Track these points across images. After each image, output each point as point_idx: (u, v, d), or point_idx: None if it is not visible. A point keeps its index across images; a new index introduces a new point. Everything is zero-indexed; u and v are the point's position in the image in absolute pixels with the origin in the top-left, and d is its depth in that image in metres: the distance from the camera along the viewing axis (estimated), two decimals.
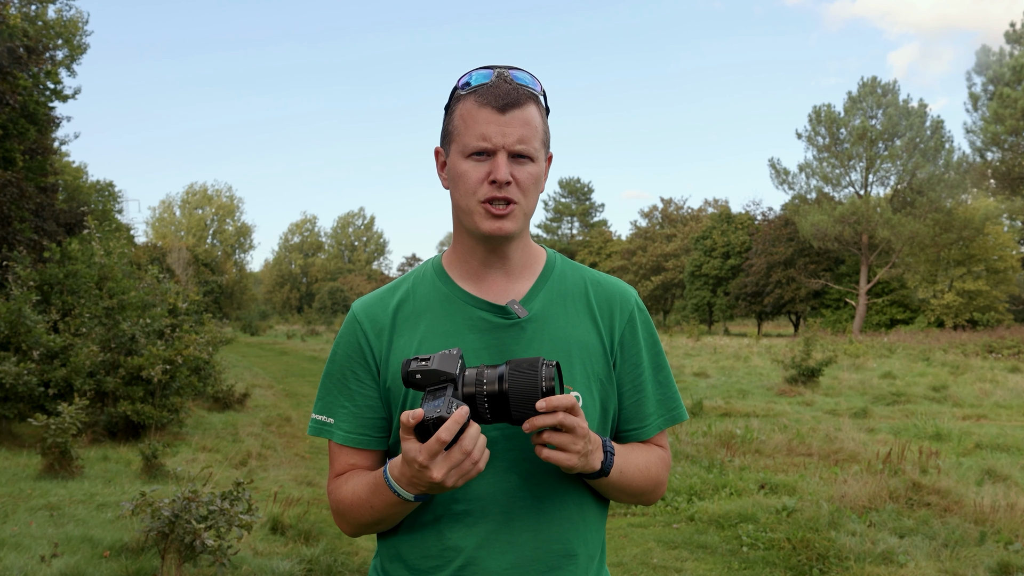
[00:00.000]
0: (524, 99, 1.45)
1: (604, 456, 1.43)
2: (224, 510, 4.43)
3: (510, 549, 1.46)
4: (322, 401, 1.56)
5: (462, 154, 1.46)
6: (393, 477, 1.38)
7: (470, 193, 1.46)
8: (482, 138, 1.43)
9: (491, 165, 1.44)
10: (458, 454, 1.29)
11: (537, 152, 1.47)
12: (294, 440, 10.45)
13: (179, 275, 41.08)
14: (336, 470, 1.55)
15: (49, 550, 4.85)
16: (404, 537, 1.52)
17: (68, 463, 7.24)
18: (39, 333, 9.45)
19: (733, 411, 12.45)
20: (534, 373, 1.32)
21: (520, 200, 1.46)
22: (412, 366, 1.35)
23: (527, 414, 1.33)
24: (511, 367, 1.34)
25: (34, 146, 15.65)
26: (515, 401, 1.32)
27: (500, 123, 1.43)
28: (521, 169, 1.45)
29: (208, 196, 79.50)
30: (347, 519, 1.51)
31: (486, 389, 1.33)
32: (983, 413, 12.93)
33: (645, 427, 1.58)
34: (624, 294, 1.60)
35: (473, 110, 1.45)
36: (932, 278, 45.41)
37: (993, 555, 5.27)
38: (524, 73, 1.49)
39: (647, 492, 1.57)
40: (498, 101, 1.43)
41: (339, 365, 1.55)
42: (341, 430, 1.53)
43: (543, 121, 1.50)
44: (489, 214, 1.45)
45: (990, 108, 40.01)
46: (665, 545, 5.85)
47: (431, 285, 1.56)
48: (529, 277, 1.56)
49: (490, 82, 1.45)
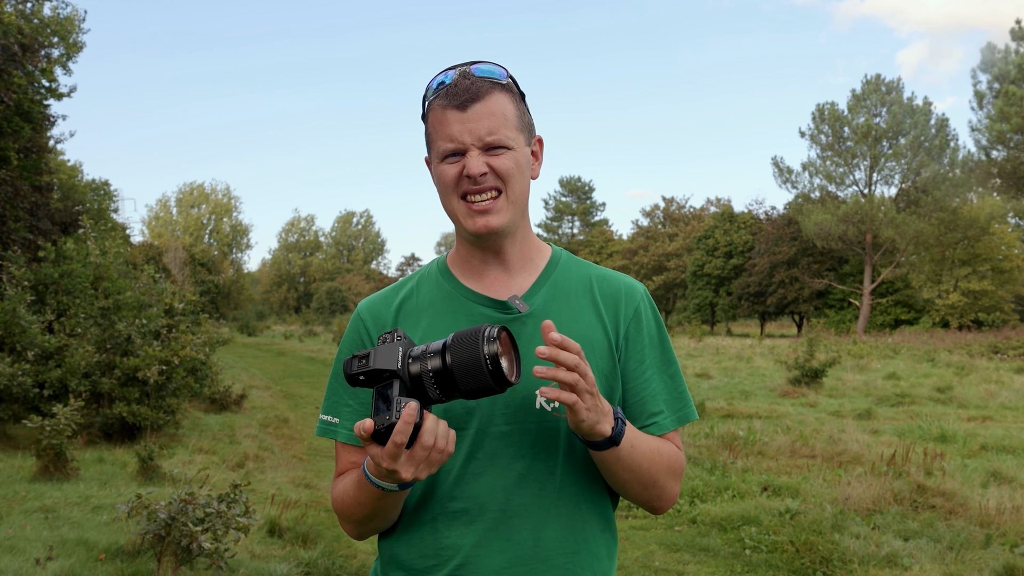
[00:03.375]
0: (485, 91, 1.44)
1: (615, 422, 1.38)
2: (221, 512, 4.44)
3: (508, 547, 1.45)
4: (328, 401, 1.57)
5: (439, 158, 1.47)
6: (371, 473, 1.36)
7: (451, 194, 1.47)
8: (449, 139, 1.44)
9: (463, 162, 1.45)
10: (420, 451, 1.27)
11: (511, 140, 1.45)
12: (292, 442, 10.43)
13: (175, 275, 41.14)
14: (339, 469, 1.55)
15: (44, 553, 4.84)
16: (401, 538, 1.51)
17: (63, 465, 7.23)
18: (34, 333, 9.44)
19: (736, 412, 12.46)
20: (475, 340, 1.25)
21: (503, 188, 1.45)
22: (354, 367, 1.30)
23: (475, 385, 1.25)
24: (453, 338, 1.27)
25: (29, 144, 15.64)
26: (460, 373, 1.25)
27: (463, 120, 1.43)
28: (497, 159, 1.44)
29: (205, 195, 79.43)
30: (343, 516, 1.51)
31: (430, 366, 1.27)
32: (988, 414, 12.91)
33: (652, 424, 1.54)
34: (630, 289, 1.58)
35: (439, 113, 1.46)
36: (937, 278, 45.29)
37: (999, 558, 5.26)
38: (488, 64, 1.48)
39: (658, 482, 1.50)
40: (458, 99, 1.43)
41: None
42: (346, 429, 1.53)
43: (516, 107, 1.48)
44: (471, 212, 1.46)
45: (996, 106, 39.94)
46: (667, 548, 5.84)
47: (435, 283, 1.57)
48: (531, 272, 1.56)
49: (452, 81, 1.45)
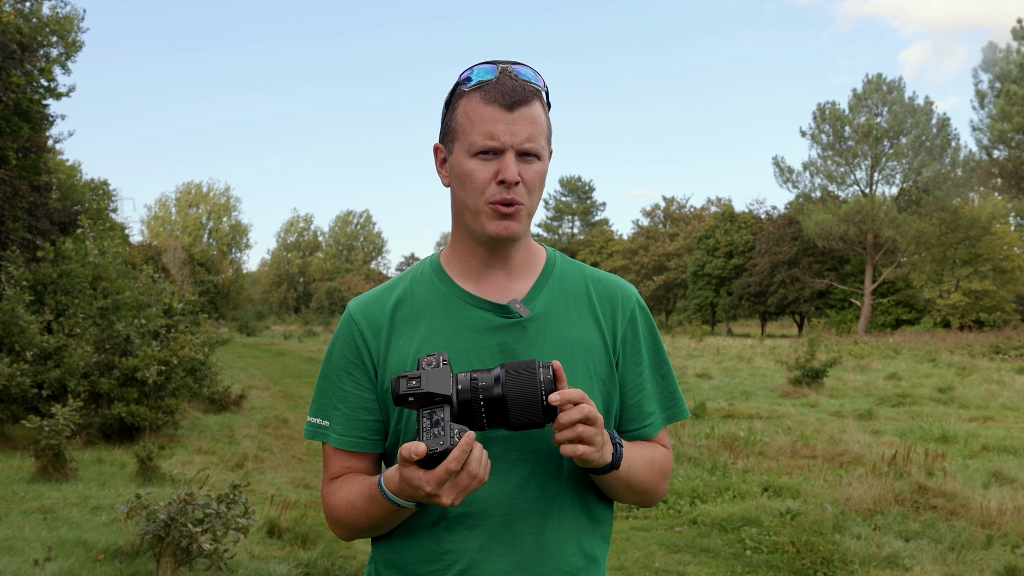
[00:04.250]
0: (530, 96, 1.43)
1: (614, 448, 1.41)
2: (220, 513, 4.44)
3: (512, 552, 1.44)
4: (317, 403, 1.53)
5: (468, 152, 1.43)
6: (391, 491, 1.35)
7: (478, 193, 1.43)
8: (490, 136, 1.41)
9: (499, 164, 1.42)
10: (465, 479, 1.27)
11: (543, 150, 1.45)
12: (291, 442, 10.42)
13: (174, 275, 41.09)
14: (331, 473, 1.52)
15: (43, 554, 4.84)
16: (401, 541, 1.49)
17: (62, 465, 7.23)
18: (32, 334, 9.42)
19: (736, 413, 12.46)
20: (532, 375, 1.29)
21: (526, 201, 1.45)
22: (402, 388, 1.30)
23: (526, 419, 1.30)
24: (507, 370, 1.30)
25: (27, 144, 15.66)
26: (514, 405, 1.29)
27: (508, 121, 1.40)
28: (528, 168, 1.43)
29: (203, 194, 79.09)
30: (341, 525, 1.49)
31: (483, 396, 1.30)
32: (990, 415, 12.88)
33: (647, 426, 1.56)
34: (625, 292, 1.58)
35: (479, 107, 1.42)
36: (938, 278, 45.23)
37: (1000, 559, 5.25)
38: (528, 69, 1.47)
39: (650, 490, 1.55)
40: (506, 99, 1.40)
41: (335, 366, 1.52)
42: (336, 433, 1.49)
43: (547, 118, 1.49)
44: (497, 214, 1.43)
45: (997, 105, 39.91)
46: (667, 549, 5.83)
47: (430, 284, 1.53)
48: (530, 276, 1.54)
49: (495, 78, 1.43)
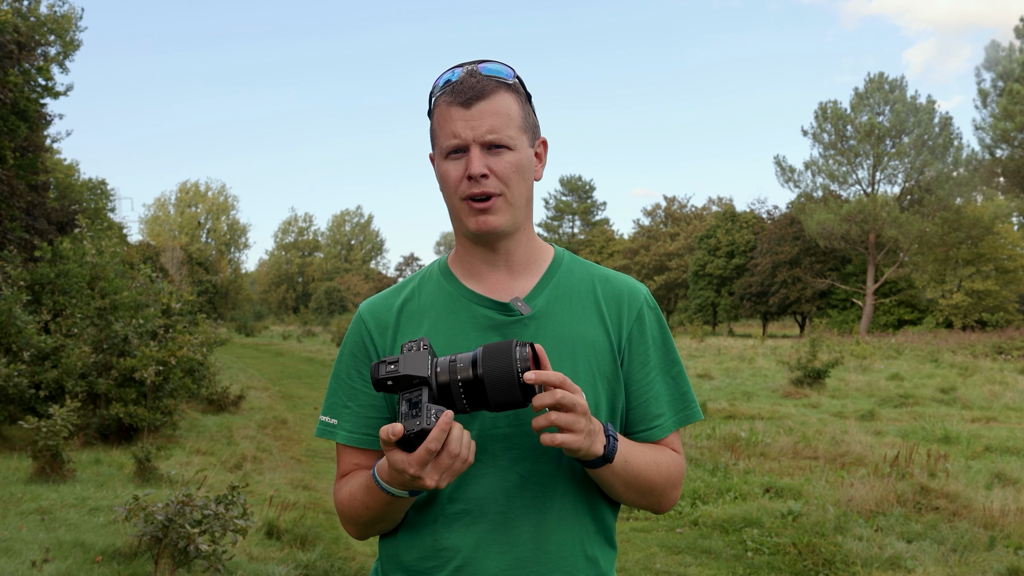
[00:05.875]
0: (490, 89, 1.46)
1: (606, 440, 1.39)
2: (219, 514, 4.44)
3: (509, 550, 1.45)
4: (328, 402, 1.57)
5: (442, 155, 1.49)
6: (383, 480, 1.37)
7: (453, 192, 1.48)
8: (453, 135, 1.46)
9: (467, 161, 1.46)
10: (447, 459, 1.29)
11: (513, 140, 1.47)
12: (290, 443, 10.40)
13: (172, 275, 41.06)
14: (341, 471, 1.56)
15: (40, 555, 4.82)
16: (402, 538, 1.51)
17: (59, 466, 7.21)
18: (30, 334, 9.38)
19: (738, 413, 12.45)
20: (508, 354, 1.29)
21: (503, 191, 1.46)
22: (381, 372, 1.32)
23: (504, 398, 1.30)
24: (484, 351, 1.32)
25: (25, 143, 15.66)
26: (491, 386, 1.29)
27: (466, 118, 1.45)
28: (499, 160, 1.46)
29: (201, 194, 78.75)
30: (348, 520, 1.52)
31: (460, 376, 1.31)
32: (992, 415, 12.84)
33: (656, 427, 1.55)
34: (633, 291, 1.58)
35: (444, 110, 1.48)
36: (940, 278, 45.10)
37: (1003, 560, 5.24)
38: (495, 64, 1.50)
39: (656, 492, 1.52)
40: (462, 96, 1.45)
41: (344, 365, 1.56)
42: (344, 430, 1.54)
43: (520, 107, 1.50)
44: (472, 210, 1.47)
45: (999, 105, 39.79)
46: (668, 550, 5.82)
47: (436, 284, 1.58)
48: (534, 274, 1.56)
49: (458, 79, 1.47)
